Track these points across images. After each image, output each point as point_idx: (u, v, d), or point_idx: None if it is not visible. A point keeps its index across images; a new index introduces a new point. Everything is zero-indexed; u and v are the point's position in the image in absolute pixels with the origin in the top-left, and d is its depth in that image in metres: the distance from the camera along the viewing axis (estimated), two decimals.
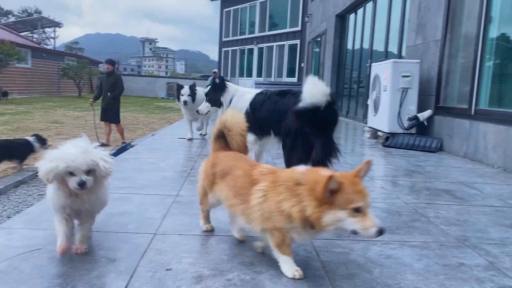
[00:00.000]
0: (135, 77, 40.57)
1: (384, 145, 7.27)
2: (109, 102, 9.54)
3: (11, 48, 20.94)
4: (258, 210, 2.13)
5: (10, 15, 64.45)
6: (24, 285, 1.98)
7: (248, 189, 2.21)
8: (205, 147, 6.76)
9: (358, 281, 2.16)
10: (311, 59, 19.95)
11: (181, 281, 2.08)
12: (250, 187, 2.21)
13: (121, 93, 9.83)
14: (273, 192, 2.09)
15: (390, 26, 10.14)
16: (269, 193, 2.10)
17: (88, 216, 2.39)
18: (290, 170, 2.16)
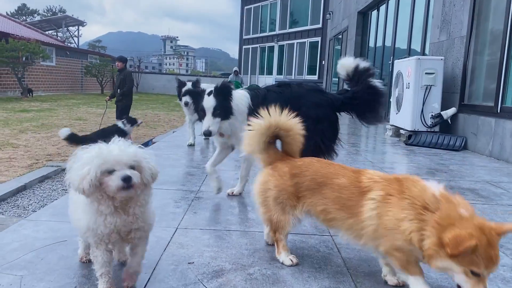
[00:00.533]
0: (156, 75, 40.97)
1: (406, 143, 7.17)
2: (118, 98, 9.70)
3: (36, 46, 21.38)
4: (371, 225, 1.85)
5: (35, 14, 65.93)
6: (51, 275, 2.03)
7: (358, 200, 1.92)
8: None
9: (380, 278, 2.13)
10: (332, 57, 19.81)
11: (202, 274, 2.10)
12: (360, 197, 1.92)
13: (129, 90, 9.78)
14: (392, 205, 1.80)
15: (413, 22, 9.98)
16: (386, 206, 1.82)
17: (140, 238, 1.85)
18: (421, 187, 1.81)
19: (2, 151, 7.81)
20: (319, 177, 2.09)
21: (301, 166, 2.17)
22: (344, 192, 1.98)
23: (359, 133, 8.91)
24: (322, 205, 2.06)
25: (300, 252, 2.41)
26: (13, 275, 2.00)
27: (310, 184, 2.10)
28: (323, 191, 2.06)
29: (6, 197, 5.18)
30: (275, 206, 2.18)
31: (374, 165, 5.18)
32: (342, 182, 2.01)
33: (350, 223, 1.95)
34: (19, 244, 2.35)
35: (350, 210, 1.94)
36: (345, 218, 1.96)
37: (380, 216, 1.82)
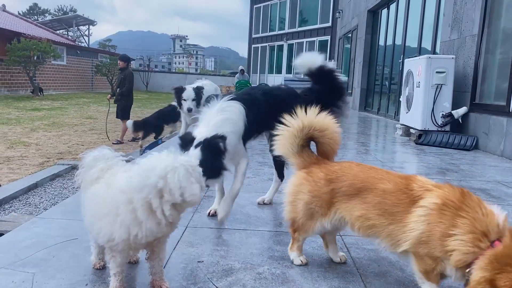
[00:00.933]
0: (165, 74, 41.15)
1: (416, 142, 7.12)
2: (117, 98, 9.57)
3: (47, 45, 21.59)
4: (415, 230, 1.77)
5: (47, 14, 66.53)
6: (62, 272, 2.05)
7: (406, 207, 1.83)
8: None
9: (390, 278, 2.13)
10: (341, 55, 19.73)
11: (212, 273, 2.11)
12: (409, 204, 1.82)
13: (128, 90, 9.55)
14: (445, 218, 1.71)
15: (424, 21, 9.90)
16: (439, 216, 1.72)
17: (163, 242, 1.88)
18: (487, 211, 1.72)
19: (14, 149, 7.90)
20: (358, 182, 1.98)
21: (338, 171, 2.06)
22: (389, 198, 1.88)
23: (369, 132, 8.87)
24: (360, 210, 1.96)
25: (309, 252, 2.41)
26: (26, 272, 2.03)
27: (348, 190, 2.00)
28: (363, 196, 1.95)
29: (18, 195, 5.24)
30: (305, 211, 2.11)
31: (384, 165, 5.15)
32: (388, 187, 1.91)
33: (391, 230, 1.86)
34: (31, 241, 2.38)
35: (393, 216, 1.85)
36: (386, 225, 1.87)
37: (428, 223, 1.74)
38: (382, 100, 13.27)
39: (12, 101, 18.07)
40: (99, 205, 1.76)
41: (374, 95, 14.23)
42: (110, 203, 1.71)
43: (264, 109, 2.90)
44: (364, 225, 1.96)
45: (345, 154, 5.88)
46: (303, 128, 2.12)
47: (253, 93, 3.02)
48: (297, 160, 2.18)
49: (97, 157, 1.91)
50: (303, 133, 2.12)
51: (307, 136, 2.13)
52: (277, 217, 3.03)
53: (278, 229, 2.77)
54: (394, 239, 1.86)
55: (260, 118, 2.87)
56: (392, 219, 1.85)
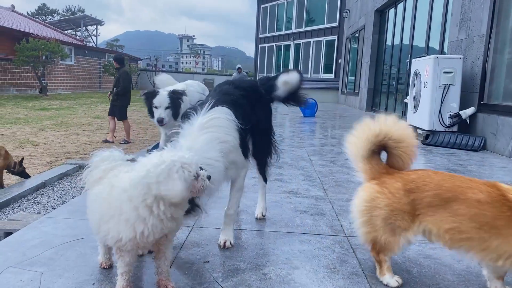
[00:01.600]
0: (173, 74, 41.19)
1: (424, 143, 7.08)
2: (113, 98, 9.40)
3: (56, 45, 21.76)
4: None
5: (55, 14, 66.98)
6: (70, 271, 2.07)
7: (510, 219, 1.73)
8: None
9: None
10: (348, 55, 19.67)
11: (218, 273, 2.12)
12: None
13: (124, 91, 9.33)
14: None
15: (431, 20, 9.84)
16: None
17: (169, 241, 1.89)
18: None
19: (23, 149, 7.97)
20: (444, 192, 1.84)
21: (416, 180, 1.91)
22: (487, 209, 1.75)
23: None
24: (451, 223, 1.82)
25: (315, 253, 2.41)
26: (34, 271, 2.05)
27: (433, 200, 1.85)
28: (453, 208, 1.82)
29: (27, 194, 5.29)
30: (385, 227, 1.93)
31: None
32: (481, 197, 1.78)
33: (496, 244, 1.74)
34: (39, 241, 2.40)
35: (497, 230, 1.73)
36: (488, 239, 1.75)
37: None
38: (389, 100, 13.22)
39: (21, 100, 18.22)
40: (104, 208, 1.76)
41: (381, 95, 14.18)
42: (114, 204, 1.72)
43: (245, 103, 2.56)
44: (456, 238, 1.84)
45: None
46: (379, 134, 1.98)
47: (227, 90, 2.59)
48: (365, 166, 2.04)
49: (105, 158, 1.92)
50: (378, 139, 1.99)
51: (381, 143, 2.00)
52: (282, 218, 3.03)
53: (283, 230, 2.78)
54: (502, 254, 1.76)
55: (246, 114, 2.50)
56: (496, 233, 1.74)
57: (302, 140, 7.07)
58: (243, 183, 2.58)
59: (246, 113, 2.46)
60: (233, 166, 2.38)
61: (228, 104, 2.38)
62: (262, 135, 2.74)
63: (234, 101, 2.45)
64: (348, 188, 3.93)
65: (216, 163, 2.15)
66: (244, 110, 2.47)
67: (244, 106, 2.50)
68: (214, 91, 2.62)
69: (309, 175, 4.41)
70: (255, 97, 2.70)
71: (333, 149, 6.21)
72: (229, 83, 2.68)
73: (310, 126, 9.66)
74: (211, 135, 2.19)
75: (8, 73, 20.90)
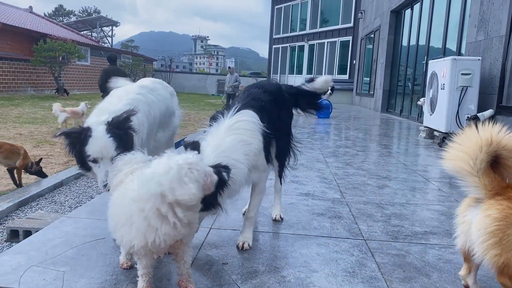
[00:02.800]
0: (186, 75, 41.50)
1: (440, 145, 7.00)
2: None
3: (72, 46, 22.02)
4: None
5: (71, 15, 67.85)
6: (92, 271, 2.10)
7: None
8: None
9: (416, 284, 2.11)
10: (363, 56, 19.55)
11: (237, 275, 2.12)
12: None
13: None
14: None
15: (448, 21, 9.73)
16: None
17: (186, 244, 1.90)
18: None
19: (40, 148, 8.08)
20: None
21: None
22: None
23: (391, 134, 8.77)
24: None
25: (333, 256, 2.41)
26: (56, 271, 2.09)
27: None
28: None
29: (44, 193, 5.37)
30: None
31: (408, 168, 5.09)
32: None
33: None
34: (61, 240, 2.44)
35: None
36: None
37: None
38: (405, 102, 13.10)
39: (38, 100, 18.48)
40: (117, 215, 1.79)
41: (396, 97, 14.05)
42: (125, 213, 1.73)
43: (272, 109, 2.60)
44: None
45: (367, 156, 5.83)
46: (492, 144, 1.77)
47: (256, 94, 2.60)
48: (484, 180, 1.79)
49: (127, 161, 1.93)
50: (490, 149, 1.78)
51: (493, 153, 1.79)
52: (300, 220, 3.03)
53: (301, 233, 2.77)
54: None
55: (272, 119, 2.52)
56: None
57: (316, 141, 7.05)
58: (264, 186, 2.59)
59: (272, 119, 2.49)
60: (256, 169, 2.39)
61: (255, 108, 2.40)
62: (283, 139, 2.78)
63: (262, 106, 2.47)
64: (365, 191, 3.91)
65: (240, 165, 2.17)
66: (270, 115, 2.50)
67: (271, 112, 2.52)
68: (243, 93, 2.64)
69: (325, 177, 4.40)
70: (280, 100, 2.74)
71: (349, 151, 6.18)
72: (258, 87, 2.70)
73: (324, 128, 9.63)
74: (236, 137, 2.23)
75: (25, 73, 21.23)
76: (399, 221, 3.06)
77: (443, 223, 3.07)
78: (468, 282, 2.01)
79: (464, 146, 1.82)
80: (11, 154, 5.42)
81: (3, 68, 19.45)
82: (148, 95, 2.89)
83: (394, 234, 2.80)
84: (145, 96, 2.83)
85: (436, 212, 3.33)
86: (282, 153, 2.82)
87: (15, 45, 21.21)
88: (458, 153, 1.84)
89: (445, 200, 3.70)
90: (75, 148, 2.32)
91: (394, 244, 2.62)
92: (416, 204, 3.55)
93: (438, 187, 4.19)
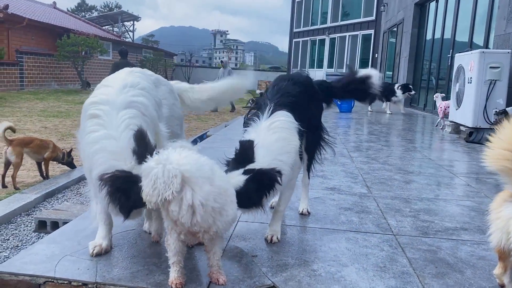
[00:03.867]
0: (206, 69, 41.62)
1: (467, 140, 6.86)
2: None
3: (94, 41, 22.30)
4: None
5: (93, 10, 68.70)
6: (123, 262, 2.12)
7: None
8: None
9: (449, 280, 2.07)
10: (386, 50, 19.26)
11: (267, 268, 2.12)
12: None
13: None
14: None
15: (476, 13, 9.49)
16: None
17: (219, 237, 1.90)
18: None
19: (65, 141, 8.23)
20: None
21: None
22: None
23: (415, 129, 8.63)
24: None
25: (363, 251, 2.38)
26: (89, 260, 2.12)
27: None
28: None
29: (70, 185, 5.47)
30: None
31: (434, 163, 5.00)
32: None
33: None
34: (92, 231, 2.46)
35: None
36: None
37: None
38: (429, 96, 12.87)
39: (62, 94, 18.81)
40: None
41: (420, 91, 13.81)
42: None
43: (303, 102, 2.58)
44: None
45: (392, 151, 5.75)
46: None
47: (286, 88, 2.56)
48: None
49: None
50: None
51: None
52: (327, 214, 3.00)
53: (329, 227, 2.75)
54: None
55: (303, 113, 2.52)
56: None
57: (340, 136, 6.99)
58: (295, 181, 2.60)
59: (302, 112, 2.49)
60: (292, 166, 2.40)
61: (287, 107, 2.41)
62: (313, 132, 2.74)
63: (293, 102, 2.47)
64: (392, 186, 3.86)
65: (286, 167, 2.22)
66: (302, 109, 2.50)
67: (302, 106, 2.52)
68: (272, 88, 2.61)
69: (350, 172, 4.35)
70: (311, 93, 2.71)
71: (373, 146, 6.11)
72: (287, 79, 2.66)
73: (347, 122, 9.54)
74: (278, 135, 2.27)
75: (50, 68, 21.61)
76: (429, 217, 3.01)
77: (474, 219, 3.01)
78: (504, 281, 1.95)
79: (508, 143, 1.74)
80: (41, 149, 5.55)
81: (29, 63, 19.84)
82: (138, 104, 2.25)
83: (424, 230, 2.75)
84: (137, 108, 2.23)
85: (466, 208, 3.26)
86: (311, 147, 2.79)
87: (39, 40, 21.61)
88: (502, 152, 1.76)
89: (475, 196, 3.62)
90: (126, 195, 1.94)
91: (425, 240, 2.58)
92: (445, 199, 3.49)
93: (467, 183, 4.10)
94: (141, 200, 1.70)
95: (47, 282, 1.95)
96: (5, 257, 3.37)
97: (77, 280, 1.94)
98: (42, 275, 1.97)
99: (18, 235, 3.85)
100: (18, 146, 5.21)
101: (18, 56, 19.28)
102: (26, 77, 19.68)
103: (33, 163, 6.00)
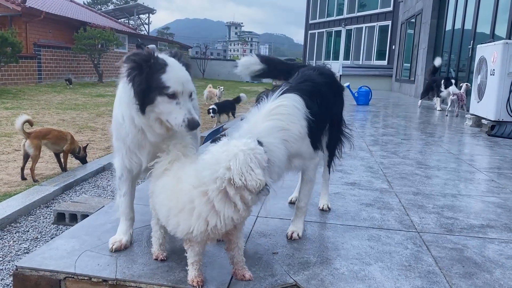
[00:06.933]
0: (221, 62, 41.52)
1: (489, 134, 6.69)
2: None
3: (110, 34, 22.41)
4: None
5: (109, 3, 69.04)
6: (143, 257, 2.09)
7: None
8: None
9: (477, 281, 2.00)
10: (404, 41, 18.93)
11: (288, 266, 2.07)
12: None
13: None
14: None
15: (498, 3, 9.22)
16: None
17: (239, 230, 1.87)
18: None
19: (82, 134, 8.29)
20: None
21: None
22: None
23: (435, 122, 8.46)
24: None
25: (386, 249, 2.32)
26: (109, 256, 2.10)
27: None
28: None
29: (87, 177, 5.50)
30: None
31: (456, 157, 4.88)
32: None
33: None
34: (111, 226, 2.45)
35: None
36: None
37: None
38: None
39: (79, 87, 18.97)
40: (172, 201, 1.76)
41: None
42: (183, 199, 1.71)
43: (327, 91, 2.44)
44: None
45: (412, 145, 5.64)
46: None
47: (309, 76, 2.45)
48: None
49: (176, 142, 1.93)
50: None
51: None
52: (348, 210, 2.94)
53: (350, 223, 2.69)
54: None
55: (324, 102, 2.37)
56: None
57: (358, 129, 6.88)
58: (314, 175, 2.44)
59: (324, 102, 2.36)
60: (299, 156, 2.28)
61: (303, 92, 2.25)
62: (334, 126, 2.66)
63: (314, 88, 2.33)
64: (413, 181, 3.77)
65: (275, 148, 2.01)
66: (323, 98, 2.35)
67: (325, 94, 2.39)
68: (297, 75, 2.50)
69: (370, 166, 4.27)
70: (335, 86, 2.62)
71: (392, 139, 6.00)
72: (313, 69, 2.58)
73: (364, 115, 9.40)
74: (273, 123, 2.09)
75: (67, 60, 21.79)
76: (453, 213, 2.93)
77: (501, 216, 2.91)
78: None
79: None
80: (59, 140, 5.58)
81: (46, 56, 20.03)
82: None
83: (449, 227, 2.67)
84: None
85: (491, 204, 3.16)
86: (332, 142, 2.72)
87: (56, 33, 21.79)
88: None
89: (500, 192, 3.52)
90: (141, 74, 1.86)
91: (450, 238, 2.50)
92: (469, 195, 3.39)
93: (491, 178, 3.99)
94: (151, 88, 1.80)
95: (67, 278, 1.94)
96: (25, 248, 3.39)
97: (97, 276, 1.92)
98: (62, 271, 1.95)
99: (37, 227, 3.88)
100: (36, 138, 5.25)
101: (36, 49, 19.48)
102: (43, 70, 19.89)
103: (51, 155, 6.05)
